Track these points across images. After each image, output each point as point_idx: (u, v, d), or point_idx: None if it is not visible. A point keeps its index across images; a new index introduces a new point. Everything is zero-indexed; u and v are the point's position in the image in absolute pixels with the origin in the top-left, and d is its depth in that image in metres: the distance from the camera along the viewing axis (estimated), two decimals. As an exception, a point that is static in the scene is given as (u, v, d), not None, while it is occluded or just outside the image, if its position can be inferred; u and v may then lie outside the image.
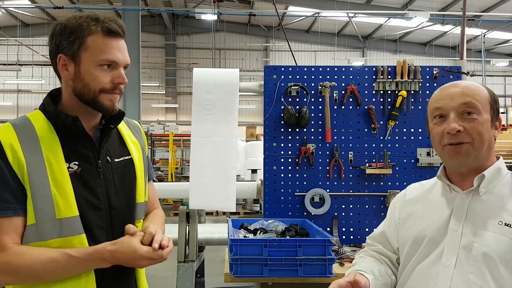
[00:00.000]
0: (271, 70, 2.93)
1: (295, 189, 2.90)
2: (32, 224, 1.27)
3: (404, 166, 2.94)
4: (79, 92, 1.35)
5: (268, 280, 2.23)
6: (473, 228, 1.34)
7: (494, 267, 1.28)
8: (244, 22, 19.94)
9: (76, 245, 1.30)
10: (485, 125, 1.35)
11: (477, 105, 1.34)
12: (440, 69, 2.99)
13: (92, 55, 1.33)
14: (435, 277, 1.36)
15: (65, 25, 1.34)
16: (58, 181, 1.29)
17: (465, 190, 1.38)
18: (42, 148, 1.30)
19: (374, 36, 20.70)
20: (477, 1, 16.16)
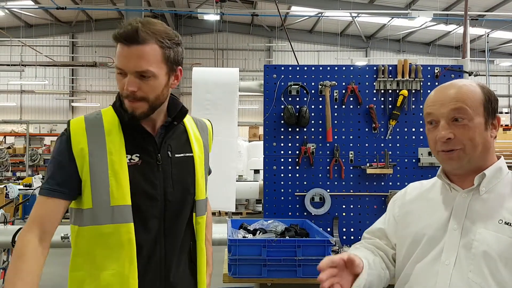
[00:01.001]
0: (271, 69, 2.92)
1: (295, 189, 2.88)
2: (89, 209, 1.40)
3: (405, 166, 2.92)
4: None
5: (267, 281, 2.21)
6: (473, 226, 1.33)
7: (494, 266, 1.27)
8: (247, 22, 19.91)
9: (123, 232, 1.40)
10: (476, 130, 1.34)
11: (468, 110, 1.33)
12: (441, 68, 2.97)
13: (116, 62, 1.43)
14: (435, 275, 1.35)
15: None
16: (116, 171, 1.40)
17: (465, 189, 1.37)
18: (106, 141, 1.42)
19: (377, 36, 20.62)
20: (480, 0, 16.09)
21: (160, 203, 1.46)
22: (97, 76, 18.88)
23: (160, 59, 1.39)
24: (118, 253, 1.40)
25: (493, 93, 1.39)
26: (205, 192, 1.63)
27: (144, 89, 1.39)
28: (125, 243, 1.40)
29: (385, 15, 17.16)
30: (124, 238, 1.40)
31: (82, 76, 19.38)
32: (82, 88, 19.55)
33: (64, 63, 16.12)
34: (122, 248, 1.40)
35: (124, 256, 1.40)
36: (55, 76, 18.74)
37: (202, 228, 1.59)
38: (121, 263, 1.40)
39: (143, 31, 1.35)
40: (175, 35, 1.45)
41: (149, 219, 1.44)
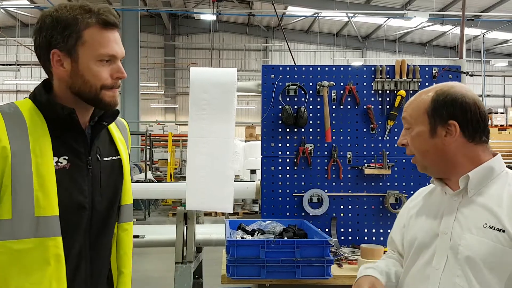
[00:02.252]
0: (268, 69, 2.90)
1: (293, 189, 2.87)
2: (6, 219, 1.16)
3: (403, 166, 2.92)
4: (78, 89, 1.27)
5: (266, 282, 2.20)
6: (460, 230, 1.32)
7: (478, 271, 1.26)
8: (244, 22, 19.91)
9: (50, 247, 1.20)
10: (420, 138, 1.37)
11: (409, 119, 1.40)
12: (439, 68, 2.97)
13: (91, 50, 1.25)
14: (426, 280, 1.35)
15: (57, 18, 1.24)
16: (42, 176, 1.20)
17: (455, 191, 1.36)
18: (29, 140, 1.20)
19: (374, 37, 20.68)
20: (476, 1, 16.15)
21: (88, 212, 1.31)
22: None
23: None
24: (42, 272, 1.19)
25: (450, 98, 1.34)
26: (131, 197, 1.48)
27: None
28: (51, 259, 1.20)
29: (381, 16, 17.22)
30: (51, 254, 1.20)
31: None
32: (78, 88, 19.47)
33: (59, 63, 16.05)
34: (48, 265, 1.20)
35: (49, 275, 1.20)
36: (50, 76, 18.66)
37: (129, 236, 1.46)
38: (46, 284, 1.19)
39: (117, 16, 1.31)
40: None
41: (75, 231, 1.27)
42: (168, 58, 21.04)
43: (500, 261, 1.24)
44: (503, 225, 1.25)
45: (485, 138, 1.36)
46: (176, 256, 3.56)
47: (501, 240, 1.24)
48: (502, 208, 1.27)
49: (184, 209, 3.83)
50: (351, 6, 16.11)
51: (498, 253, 1.24)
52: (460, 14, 13.31)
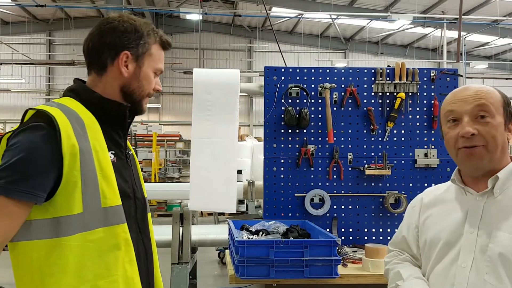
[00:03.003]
0: (271, 71, 2.93)
1: (295, 190, 2.90)
2: (78, 214, 1.24)
3: (402, 167, 2.97)
4: (132, 90, 1.42)
5: (275, 282, 2.22)
6: (488, 229, 1.35)
7: (510, 268, 1.29)
8: (228, 23, 19.88)
9: (120, 234, 1.30)
10: (499, 128, 1.35)
11: (491, 107, 1.35)
12: (437, 71, 3.04)
13: (153, 62, 1.44)
14: (452, 278, 1.37)
15: (136, 27, 1.41)
16: (104, 169, 1.29)
17: (480, 192, 1.39)
18: (89, 136, 1.29)
19: (356, 38, 20.87)
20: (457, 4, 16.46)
21: (133, 201, 1.43)
22: (75, 75, 18.53)
23: None
24: (115, 257, 1.29)
25: (508, 97, 1.42)
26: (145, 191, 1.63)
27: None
28: (121, 244, 1.31)
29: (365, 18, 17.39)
30: (121, 239, 1.31)
31: (59, 75, 18.99)
32: (59, 87, 19.13)
33: (41, 62, 15.77)
34: (119, 250, 1.30)
35: (122, 259, 1.31)
36: (31, 75, 18.30)
37: (151, 225, 1.60)
38: (120, 267, 1.30)
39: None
40: None
41: (129, 219, 1.38)
42: (152, 57, 20.76)
43: None
44: None
45: None
46: (172, 257, 3.55)
47: None
48: None
49: (180, 210, 3.82)
50: (335, 7, 16.24)
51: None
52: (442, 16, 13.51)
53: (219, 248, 6.91)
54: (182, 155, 15.00)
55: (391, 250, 1.68)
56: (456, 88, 1.47)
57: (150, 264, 1.51)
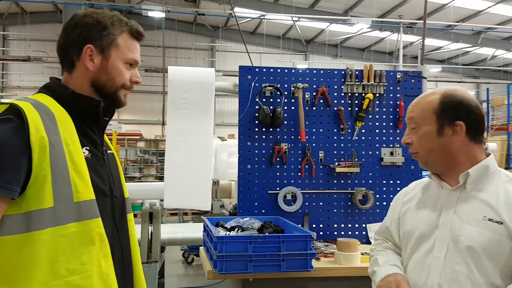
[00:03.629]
0: (245, 70, 2.98)
1: (269, 187, 2.97)
2: (49, 208, 1.21)
3: (370, 165, 3.10)
4: (102, 83, 1.40)
5: (252, 276, 2.28)
6: (460, 222, 1.46)
7: (478, 259, 1.41)
8: (190, 21, 19.74)
9: (94, 228, 1.28)
10: (427, 137, 1.50)
11: (416, 119, 1.52)
12: (403, 73, 3.19)
13: (121, 53, 1.41)
14: (428, 267, 1.49)
15: (97, 19, 1.39)
16: (76, 163, 1.28)
17: (453, 186, 1.51)
18: (60, 130, 1.27)
19: (317, 41, 21.26)
20: (413, 9, 17.10)
21: (109, 199, 1.42)
22: (30, 71, 17.83)
23: None
24: (90, 252, 1.27)
25: (457, 101, 1.49)
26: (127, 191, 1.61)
27: None
28: (96, 239, 1.29)
29: (326, 21, 17.73)
30: (95, 234, 1.29)
31: (13, 71, 18.23)
32: (14, 84, 18.39)
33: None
34: (93, 245, 1.28)
35: (97, 254, 1.29)
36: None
37: (133, 225, 1.60)
38: (95, 262, 1.28)
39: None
40: None
41: (104, 216, 1.35)
42: (111, 54, 20.30)
43: (498, 250, 1.39)
44: (502, 218, 1.41)
45: (482, 138, 1.51)
46: (141, 256, 3.54)
47: (499, 231, 1.40)
48: (499, 203, 1.43)
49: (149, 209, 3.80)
50: (296, 10, 16.48)
51: (496, 243, 1.39)
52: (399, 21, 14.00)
53: (183, 248, 6.89)
54: (143, 154, 14.77)
55: (377, 239, 1.79)
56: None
57: (126, 264, 1.49)
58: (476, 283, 1.40)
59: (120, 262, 1.43)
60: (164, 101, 17.24)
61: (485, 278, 1.40)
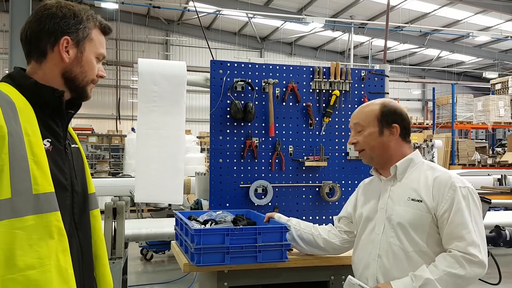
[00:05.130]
0: (217, 64, 2.99)
1: (240, 181, 3.00)
2: (6, 199, 1.18)
3: (336, 159, 3.21)
4: (74, 76, 1.41)
5: (229, 268, 2.31)
6: (392, 204, 1.91)
7: (406, 232, 1.83)
8: (143, 14, 19.36)
9: (53, 221, 1.25)
10: (371, 137, 1.93)
11: (362, 123, 1.95)
12: (367, 71, 3.32)
13: (94, 47, 1.44)
14: (371, 243, 1.94)
15: (75, 12, 1.40)
16: (36, 155, 1.24)
17: (387, 177, 1.97)
18: (20, 120, 1.24)
19: (271, 38, 21.47)
20: (363, 10, 17.65)
21: (69, 194, 1.40)
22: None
23: None
24: (47, 246, 1.24)
25: (393, 108, 1.96)
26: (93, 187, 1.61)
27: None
28: (54, 233, 1.26)
29: (280, 18, 17.92)
30: (53, 228, 1.26)
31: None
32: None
33: None
34: (51, 239, 1.25)
35: (55, 248, 1.26)
36: None
37: (99, 222, 1.60)
38: (53, 256, 1.25)
39: None
40: None
41: (63, 211, 1.33)
42: (59, 46, 19.52)
43: (420, 223, 1.82)
44: (421, 197, 1.83)
45: (410, 139, 2.00)
46: (105, 253, 3.47)
47: (420, 208, 1.82)
48: (420, 186, 1.86)
49: (112, 204, 3.73)
50: (251, 6, 16.57)
51: (418, 217, 1.82)
52: (350, 21, 14.45)
53: (142, 245, 6.79)
54: (95, 150, 14.35)
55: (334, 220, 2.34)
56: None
57: (86, 261, 1.48)
58: (406, 251, 1.81)
59: (78, 258, 1.42)
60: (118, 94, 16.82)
61: (414, 247, 1.81)
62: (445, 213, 1.78)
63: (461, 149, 13.68)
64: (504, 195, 6.82)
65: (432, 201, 1.81)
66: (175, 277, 5.73)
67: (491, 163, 13.33)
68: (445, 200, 1.79)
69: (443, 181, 1.83)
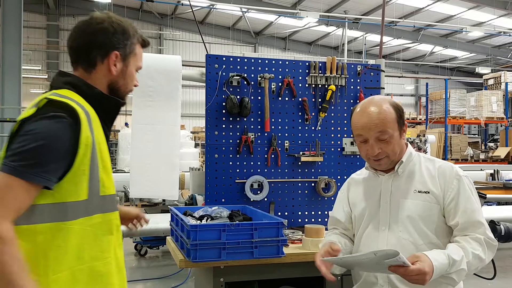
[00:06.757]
0: (212, 59, 2.97)
1: (236, 176, 2.99)
2: (84, 200, 1.36)
3: (332, 154, 3.20)
4: (118, 87, 1.54)
5: (226, 263, 2.30)
6: (397, 199, 1.86)
7: (416, 224, 1.80)
8: (136, 8, 19.21)
9: (113, 220, 1.45)
10: (395, 141, 1.82)
11: (388, 131, 1.80)
12: (363, 66, 3.31)
13: (136, 61, 1.58)
14: (376, 239, 1.87)
15: (124, 28, 1.52)
16: (104, 160, 1.42)
17: (388, 173, 1.90)
18: (93, 128, 1.39)
19: (265, 33, 21.41)
20: (357, 5, 17.63)
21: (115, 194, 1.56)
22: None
23: None
24: (108, 241, 1.43)
25: (401, 107, 1.88)
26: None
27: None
28: (113, 230, 1.46)
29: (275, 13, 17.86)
30: (113, 225, 1.46)
31: None
32: None
33: None
34: (111, 235, 1.45)
35: (113, 243, 1.46)
36: None
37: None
38: (112, 250, 1.44)
39: None
40: None
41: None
42: (52, 39, 19.40)
43: (429, 214, 1.79)
44: (428, 188, 1.81)
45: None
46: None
47: (428, 199, 1.80)
48: (424, 178, 1.84)
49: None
50: (245, 1, 16.49)
51: (428, 209, 1.80)
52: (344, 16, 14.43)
53: (136, 240, 6.76)
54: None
55: (329, 229, 2.16)
56: (361, 107, 1.87)
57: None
58: (417, 244, 1.77)
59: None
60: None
61: (424, 239, 1.78)
62: (452, 201, 1.78)
63: (454, 144, 13.75)
64: (496, 190, 6.88)
65: (440, 191, 1.80)
66: (169, 273, 5.72)
67: (483, 158, 13.42)
68: (451, 189, 1.79)
69: (448, 171, 1.84)
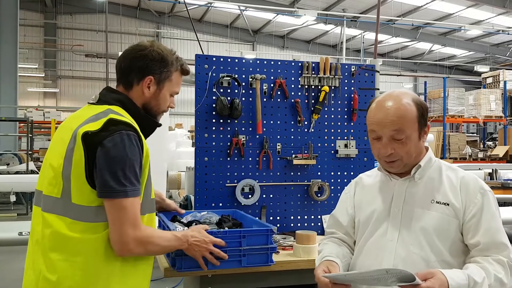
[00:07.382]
0: (202, 59, 2.89)
1: (226, 180, 2.91)
2: (152, 199, 1.74)
3: (325, 157, 3.12)
4: (150, 107, 1.77)
5: (212, 272, 2.22)
6: (410, 207, 1.64)
7: (430, 238, 1.58)
8: (134, 6, 19.10)
9: (153, 220, 1.75)
10: (412, 143, 1.61)
11: (405, 130, 1.58)
12: (357, 67, 3.23)
13: (171, 86, 1.80)
14: (382, 250, 1.65)
15: (162, 56, 1.74)
16: (149, 169, 1.68)
17: (403, 177, 1.68)
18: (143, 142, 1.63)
19: (264, 31, 21.31)
20: (356, 3, 17.54)
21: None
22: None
23: None
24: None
25: (425, 105, 1.65)
26: None
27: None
28: (154, 227, 1.80)
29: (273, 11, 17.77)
30: (153, 224, 1.77)
31: None
32: None
33: None
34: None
35: None
36: None
37: None
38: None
39: None
40: None
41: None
42: (49, 38, 19.29)
43: (446, 228, 1.58)
44: (448, 200, 1.60)
45: None
46: None
47: (447, 212, 1.59)
48: (445, 188, 1.62)
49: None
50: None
51: (446, 222, 1.58)
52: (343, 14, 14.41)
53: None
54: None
55: (327, 232, 1.93)
56: (378, 100, 1.66)
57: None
58: (428, 261, 1.56)
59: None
60: (106, 88, 16.56)
61: (437, 256, 1.57)
62: (473, 217, 1.57)
63: (452, 143, 13.69)
64: (495, 189, 6.81)
65: (461, 205, 1.59)
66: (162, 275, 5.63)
67: (482, 157, 13.35)
68: (474, 204, 1.58)
69: (471, 183, 1.62)
